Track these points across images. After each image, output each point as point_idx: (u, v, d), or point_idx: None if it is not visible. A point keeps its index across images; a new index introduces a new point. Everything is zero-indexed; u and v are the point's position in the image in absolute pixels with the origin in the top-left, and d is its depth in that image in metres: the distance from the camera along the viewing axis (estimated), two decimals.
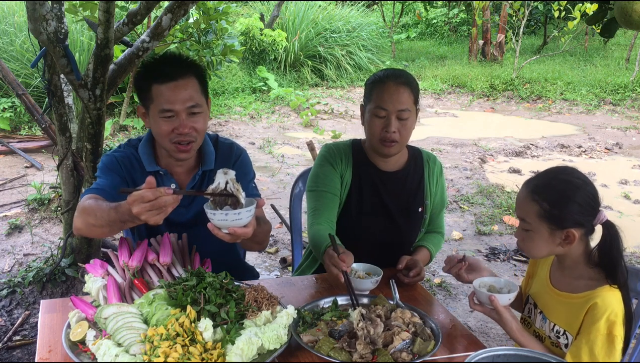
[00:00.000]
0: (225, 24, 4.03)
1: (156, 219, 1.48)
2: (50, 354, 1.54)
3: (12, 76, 3.59)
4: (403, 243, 2.29)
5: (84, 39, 7.27)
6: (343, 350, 1.52)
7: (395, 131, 2.08)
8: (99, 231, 1.76)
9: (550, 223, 1.64)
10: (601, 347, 1.58)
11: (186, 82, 1.87)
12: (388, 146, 2.12)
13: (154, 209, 1.46)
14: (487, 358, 1.33)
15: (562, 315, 1.71)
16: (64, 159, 3.26)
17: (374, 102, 2.10)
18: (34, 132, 6.91)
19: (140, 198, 1.45)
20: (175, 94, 1.85)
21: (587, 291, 1.65)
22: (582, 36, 14.21)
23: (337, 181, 2.18)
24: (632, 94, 10.22)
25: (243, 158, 2.14)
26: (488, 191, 5.81)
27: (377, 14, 15.40)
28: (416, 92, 2.14)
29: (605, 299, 1.60)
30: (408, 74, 2.18)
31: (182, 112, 1.86)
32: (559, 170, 1.72)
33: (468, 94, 10.97)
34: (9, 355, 2.97)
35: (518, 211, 1.72)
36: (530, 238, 1.69)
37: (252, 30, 10.18)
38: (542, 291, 1.82)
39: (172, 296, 1.57)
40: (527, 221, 1.68)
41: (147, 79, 1.89)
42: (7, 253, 4.09)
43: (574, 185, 1.64)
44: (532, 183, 1.70)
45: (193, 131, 1.89)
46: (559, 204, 1.62)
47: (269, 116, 8.95)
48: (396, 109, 2.07)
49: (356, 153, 2.24)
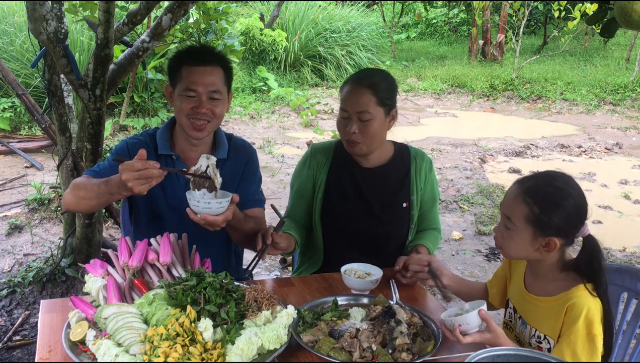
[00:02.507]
0: (225, 24, 4.03)
1: (140, 188, 1.65)
2: (50, 354, 1.54)
3: (12, 76, 3.59)
4: (389, 238, 2.30)
5: (84, 39, 7.27)
6: (343, 350, 1.52)
7: (355, 132, 2.10)
8: (87, 203, 1.92)
9: (536, 228, 1.61)
10: (582, 348, 1.57)
11: (212, 70, 2.04)
12: (351, 146, 2.15)
13: (141, 178, 1.64)
14: (487, 358, 1.33)
15: (542, 320, 1.69)
16: (64, 159, 3.26)
17: (340, 103, 2.17)
18: (34, 132, 6.91)
19: (130, 166, 1.64)
20: (201, 77, 2.01)
21: (562, 292, 1.64)
22: (582, 36, 14.21)
23: (309, 182, 2.29)
24: (632, 94, 10.22)
25: (254, 158, 2.28)
26: (488, 191, 5.81)
27: (377, 14, 15.40)
28: (383, 94, 2.10)
29: (581, 298, 1.59)
30: (377, 76, 2.16)
31: (203, 94, 2.01)
32: (555, 176, 1.66)
33: (468, 94, 10.97)
34: (9, 355, 2.97)
35: (505, 208, 1.68)
36: (511, 237, 1.66)
37: (252, 30, 10.19)
38: (518, 297, 1.80)
39: (172, 296, 1.57)
40: (512, 221, 1.64)
41: (180, 60, 2.06)
42: (7, 253, 4.09)
43: (568, 194, 1.60)
44: (525, 184, 1.66)
45: (210, 113, 2.03)
46: (549, 211, 1.59)
47: (269, 116, 8.95)
48: (355, 110, 2.09)
49: (338, 151, 2.29)
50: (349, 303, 1.84)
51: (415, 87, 11.34)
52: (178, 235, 1.91)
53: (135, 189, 1.65)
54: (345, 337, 1.56)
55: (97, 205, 1.95)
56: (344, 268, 1.99)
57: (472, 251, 4.51)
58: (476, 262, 4.32)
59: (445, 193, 5.85)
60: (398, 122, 2.24)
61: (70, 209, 2.06)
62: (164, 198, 2.11)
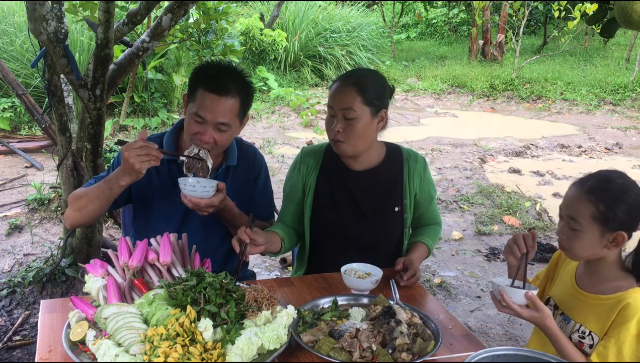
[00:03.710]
0: (225, 24, 4.03)
1: (141, 165, 1.78)
2: (50, 354, 1.54)
3: (12, 76, 3.59)
4: (381, 243, 2.25)
5: (84, 39, 7.27)
6: (343, 350, 1.52)
7: (339, 131, 2.07)
8: (89, 209, 1.95)
9: (603, 224, 1.65)
10: (629, 347, 1.58)
11: (227, 101, 1.98)
12: (336, 146, 2.13)
13: (142, 154, 1.78)
14: (487, 358, 1.33)
15: (590, 317, 1.70)
16: (64, 159, 3.26)
17: (328, 101, 2.15)
18: (34, 133, 6.91)
19: (132, 144, 1.80)
20: (213, 107, 1.96)
21: (618, 292, 1.66)
22: (582, 36, 14.21)
23: (299, 186, 2.28)
24: (632, 94, 10.22)
25: (264, 171, 2.30)
26: (488, 191, 5.81)
27: (377, 14, 15.40)
28: (370, 93, 2.06)
29: (638, 300, 1.61)
30: (366, 75, 2.15)
31: (211, 124, 1.97)
32: (612, 173, 1.72)
33: (468, 94, 10.96)
34: (9, 355, 2.97)
35: (567, 210, 1.71)
36: (578, 237, 1.68)
37: (252, 30, 10.19)
38: (566, 293, 1.82)
39: (172, 296, 1.57)
40: (578, 221, 1.67)
41: (198, 80, 2.01)
42: (7, 253, 4.09)
43: (628, 189, 1.66)
44: (586, 184, 1.69)
45: (213, 143, 2.00)
46: (614, 207, 1.63)
47: (269, 116, 8.96)
48: (339, 108, 2.06)
49: (328, 154, 2.26)
50: (349, 303, 1.83)
51: (415, 87, 11.34)
52: (178, 235, 1.92)
53: (136, 166, 1.77)
54: (345, 337, 1.56)
55: (99, 208, 1.96)
56: (344, 268, 1.99)
57: (472, 251, 4.51)
58: (476, 262, 4.32)
59: (445, 193, 5.85)
60: (398, 123, 2.24)
61: (74, 223, 2.06)
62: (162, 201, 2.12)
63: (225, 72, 2.03)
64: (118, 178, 1.84)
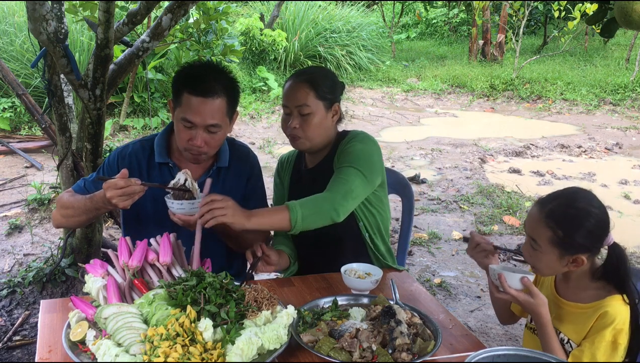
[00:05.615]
0: (225, 24, 4.03)
1: (124, 204, 1.77)
2: (50, 354, 1.54)
3: (12, 76, 3.59)
4: (343, 238, 2.20)
5: (84, 39, 7.27)
6: (343, 350, 1.52)
7: (296, 127, 2.09)
8: (76, 220, 2.00)
9: (561, 249, 1.64)
10: (603, 353, 1.59)
11: (214, 102, 1.94)
12: (294, 142, 2.15)
13: (124, 195, 1.75)
14: (487, 358, 1.33)
15: (569, 324, 1.71)
16: (64, 159, 3.26)
17: (282, 100, 2.18)
18: (34, 133, 6.91)
19: (113, 184, 1.75)
20: (200, 110, 1.93)
21: (597, 300, 1.66)
22: (582, 36, 14.21)
23: (281, 192, 2.36)
24: (632, 94, 10.22)
25: (256, 170, 2.26)
26: (488, 191, 5.81)
27: (377, 14, 15.40)
28: (322, 88, 2.09)
29: (615, 307, 1.61)
30: (316, 72, 2.19)
31: (201, 127, 1.95)
32: (577, 196, 1.67)
33: (468, 94, 10.97)
34: (9, 355, 2.97)
35: (529, 230, 1.70)
36: (539, 258, 1.69)
37: (252, 30, 10.18)
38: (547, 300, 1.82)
39: (172, 296, 1.57)
40: (538, 243, 1.67)
41: (182, 84, 1.96)
42: (7, 253, 4.09)
43: (589, 214, 1.62)
44: (547, 207, 1.67)
45: (205, 146, 1.99)
46: (572, 233, 1.61)
47: (269, 116, 8.95)
48: (294, 105, 2.10)
49: (298, 157, 2.33)
50: (349, 303, 1.83)
51: (415, 87, 11.34)
52: (177, 235, 1.92)
53: (120, 205, 1.76)
54: (345, 337, 1.56)
55: (87, 220, 2.01)
56: (344, 268, 1.99)
57: None
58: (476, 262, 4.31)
59: (445, 193, 5.85)
60: (398, 123, 2.23)
61: (60, 226, 2.11)
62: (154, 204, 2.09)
63: (208, 72, 1.98)
64: (105, 204, 1.81)
